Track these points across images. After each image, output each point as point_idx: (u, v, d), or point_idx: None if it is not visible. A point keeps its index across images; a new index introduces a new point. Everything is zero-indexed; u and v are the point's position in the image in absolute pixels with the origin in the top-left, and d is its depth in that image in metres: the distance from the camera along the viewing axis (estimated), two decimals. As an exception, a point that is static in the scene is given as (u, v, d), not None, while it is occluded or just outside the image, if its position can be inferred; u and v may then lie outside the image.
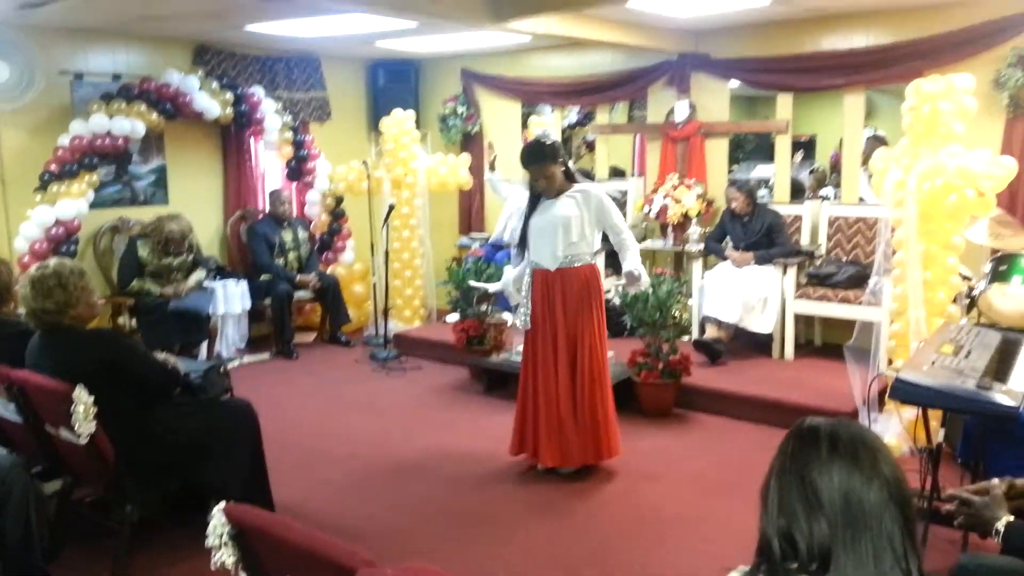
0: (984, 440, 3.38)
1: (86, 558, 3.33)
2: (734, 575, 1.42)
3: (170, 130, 6.48)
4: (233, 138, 6.97)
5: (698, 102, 6.62)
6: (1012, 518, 1.92)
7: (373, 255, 6.90)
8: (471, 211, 8.00)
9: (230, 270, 6.71)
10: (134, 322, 5.89)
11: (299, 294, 6.77)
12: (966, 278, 4.54)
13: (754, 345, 5.84)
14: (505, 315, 6.22)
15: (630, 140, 8.36)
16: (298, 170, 7.09)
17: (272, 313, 6.59)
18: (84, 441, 2.92)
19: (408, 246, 7.10)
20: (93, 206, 5.91)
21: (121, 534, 3.16)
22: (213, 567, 1.88)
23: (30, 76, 5.76)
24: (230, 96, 6.53)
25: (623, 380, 5.00)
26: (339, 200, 7.27)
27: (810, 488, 1.35)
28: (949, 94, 4.19)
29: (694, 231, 6.28)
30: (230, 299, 6.26)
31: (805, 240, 5.99)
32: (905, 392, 2.94)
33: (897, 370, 3.09)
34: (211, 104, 6.36)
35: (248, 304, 6.44)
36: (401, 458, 4.47)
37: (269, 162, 7.32)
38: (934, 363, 3.03)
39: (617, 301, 5.31)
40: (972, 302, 4.52)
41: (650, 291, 4.79)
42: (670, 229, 6.52)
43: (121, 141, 5.90)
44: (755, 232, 5.79)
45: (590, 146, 8.94)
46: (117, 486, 3.18)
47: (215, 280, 6.21)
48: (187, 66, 6.56)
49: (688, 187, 6.40)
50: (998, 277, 4.43)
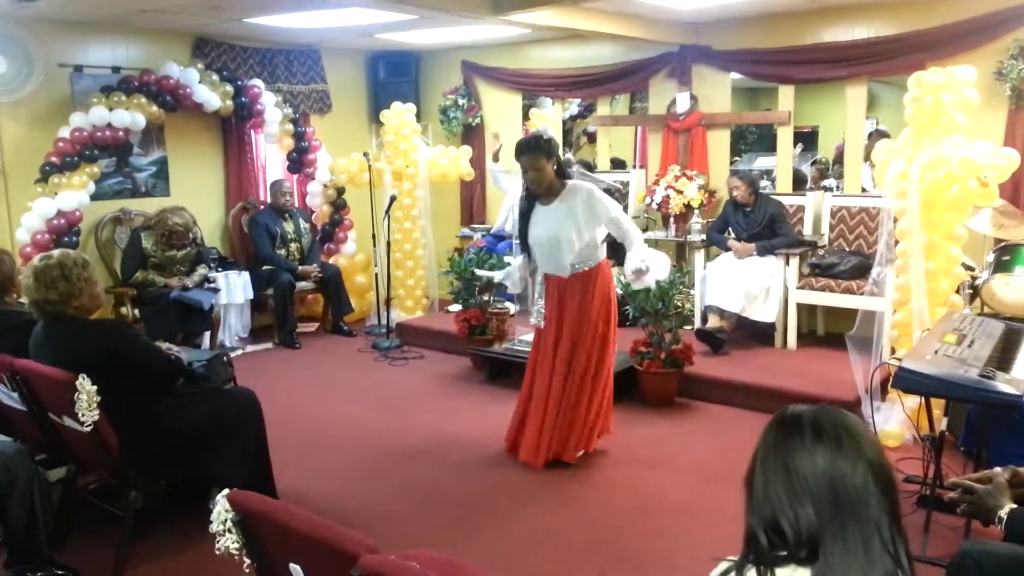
0: (987, 429, 3.38)
1: (90, 545, 3.34)
2: (724, 565, 1.42)
3: (171, 122, 6.48)
4: (234, 130, 6.97)
5: (699, 94, 6.61)
6: (1015, 506, 1.94)
7: (375, 246, 6.90)
8: (472, 202, 8.00)
9: (232, 261, 6.73)
10: (137, 312, 5.90)
11: (301, 284, 6.77)
12: (969, 268, 4.54)
13: (756, 335, 5.84)
14: (507, 304, 6.23)
15: (631, 132, 8.34)
16: (299, 162, 7.09)
17: (274, 303, 6.59)
18: (88, 429, 2.93)
19: (410, 237, 7.10)
20: (94, 197, 5.92)
21: (125, 521, 3.16)
22: (217, 553, 1.88)
23: (28, 69, 5.76)
24: (230, 88, 6.52)
25: (626, 369, 5.02)
26: (340, 191, 7.27)
27: (796, 475, 1.34)
28: (951, 86, 4.19)
29: (696, 222, 6.29)
30: (232, 289, 6.29)
31: (808, 230, 5.98)
32: (908, 381, 2.95)
33: (900, 359, 3.10)
34: (211, 96, 6.35)
35: (250, 294, 6.47)
36: (404, 446, 4.49)
37: (270, 154, 7.32)
38: (937, 352, 3.04)
39: (619, 291, 5.29)
40: (975, 292, 4.53)
41: (653, 283, 4.78)
42: (672, 220, 6.52)
43: (121, 133, 5.90)
44: (757, 223, 5.78)
45: (591, 137, 8.93)
46: (121, 474, 3.19)
47: (217, 271, 6.22)
48: (187, 59, 6.55)
49: (690, 178, 6.40)
50: (1001, 267, 4.44)
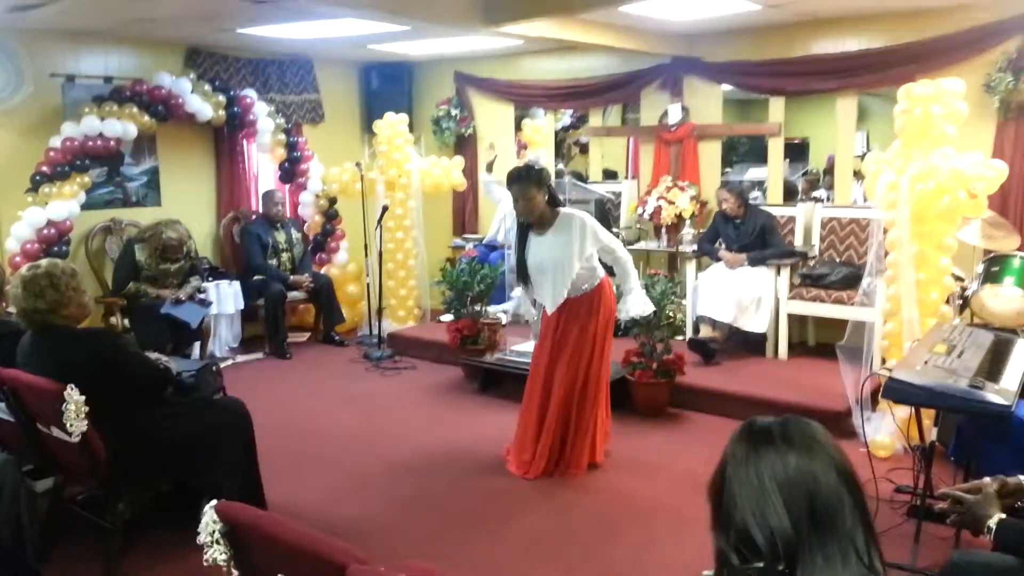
0: (977, 439, 3.39)
1: (77, 557, 3.31)
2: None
3: (163, 132, 6.47)
4: (226, 140, 6.96)
5: (691, 105, 6.64)
6: (1004, 516, 1.93)
7: (367, 256, 6.88)
8: (464, 212, 8.00)
9: (223, 270, 6.70)
10: (126, 322, 5.86)
11: (292, 294, 6.75)
12: (959, 279, 4.56)
13: (748, 345, 5.85)
14: (499, 314, 6.22)
15: (623, 143, 8.37)
16: (291, 172, 7.08)
17: (265, 313, 6.57)
18: (76, 439, 2.91)
19: (402, 247, 7.09)
20: (85, 207, 5.90)
21: (113, 532, 3.14)
22: (205, 564, 1.87)
23: (18, 79, 5.74)
24: (222, 98, 6.52)
25: (618, 379, 5.00)
26: (332, 201, 7.26)
27: (771, 484, 1.32)
28: (940, 98, 4.21)
29: (688, 232, 6.30)
30: (223, 299, 6.26)
31: (799, 241, 6.00)
32: (898, 391, 2.95)
33: (890, 369, 3.10)
34: (203, 106, 6.35)
35: (241, 304, 6.45)
36: (395, 457, 4.46)
37: (262, 164, 7.31)
38: (927, 362, 3.04)
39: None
40: (965, 302, 4.55)
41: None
42: (664, 230, 6.53)
43: (113, 143, 5.89)
44: (748, 234, 5.79)
45: (583, 148, 8.96)
46: (109, 484, 3.17)
47: (208, 280, 6.19)
48: (179, 68, 6.55)
49: (682, 189, 6.42)
50: (990, 278, 4.46)
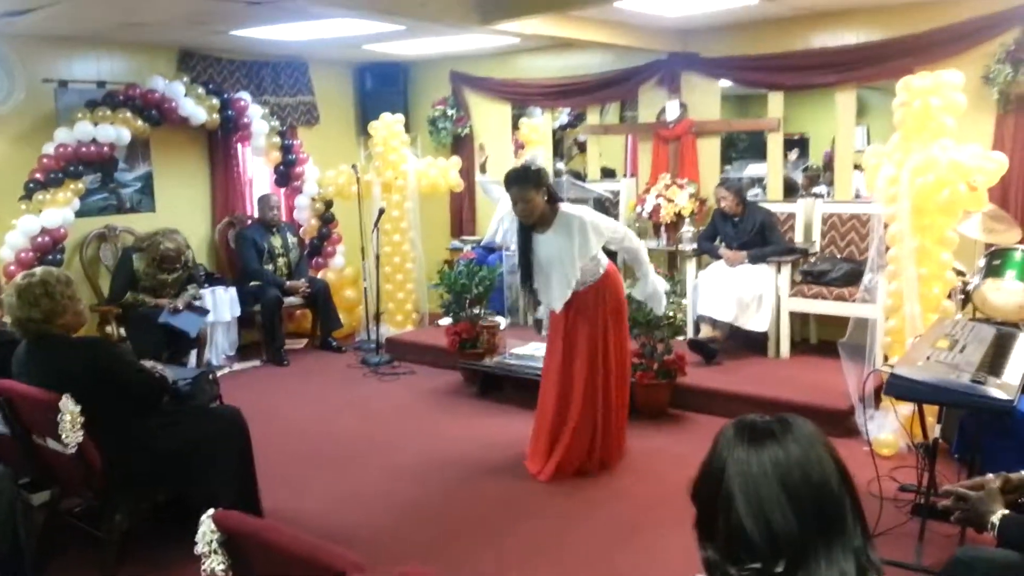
0: (980, 435, 3.37)
1: (74, 569, 3.29)
2: None
3: (156, 137, 6.43)
4: (220, 144, 6.92)
5: (689, 101, 6.61)
6: (1007, 512, 1.94)
7: (364, 259, 6.85)
8: (462, 214, 7.97)
9: (219, 276, 6.66)
10: (122, 331, 5.83)
11: (289, 300, 6.70)
12: (960, 273, 4.53)
13: (749, 344, 5.81)
14: (498, 317, 6.20)
15: (622, 140, 8.34)
16: (286, 175, 7.05)
17: (262, 319, 6.52)
18: (72, 451, 2.88)
19: (399, 250, 7.06)
20: (79, 214, 5.86)
21: (110, 544, 3.12)
22: (203, 574, 1.85)
23: (10, 85, 5.71)
24: (216, 102, 6.48)
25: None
26: (328, 204, 7.22)
27: (776, 485, 1.29)
28: (939, 90, 4.18)
29: (687, 230, 6.27)
30: (219, 306, 6.21)
31: (799, 238, 5.97)
32: (901, 388, 2.93)
33: (892, 366, 3.07)
34: (197, 110, 6.31)
35: (237, 311, 6.40)
36: (394, 462, 4.43)
37: (257, 167, 7.28)
38: (929, 358, 3.02)
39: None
40: (967, 297, 4.52)
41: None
42: (663, 229, 6.50)
43: (106, 148, 5.86)
44: (747, 231, 5.76)
45: (581, 147, 8.92)
46: (106, 495, 3.14)
47: (204, 286, 6.15)
48: (172, 72, 6.51)
49: (680, 187, 6.39)
50: (992, 272, 4.43)
